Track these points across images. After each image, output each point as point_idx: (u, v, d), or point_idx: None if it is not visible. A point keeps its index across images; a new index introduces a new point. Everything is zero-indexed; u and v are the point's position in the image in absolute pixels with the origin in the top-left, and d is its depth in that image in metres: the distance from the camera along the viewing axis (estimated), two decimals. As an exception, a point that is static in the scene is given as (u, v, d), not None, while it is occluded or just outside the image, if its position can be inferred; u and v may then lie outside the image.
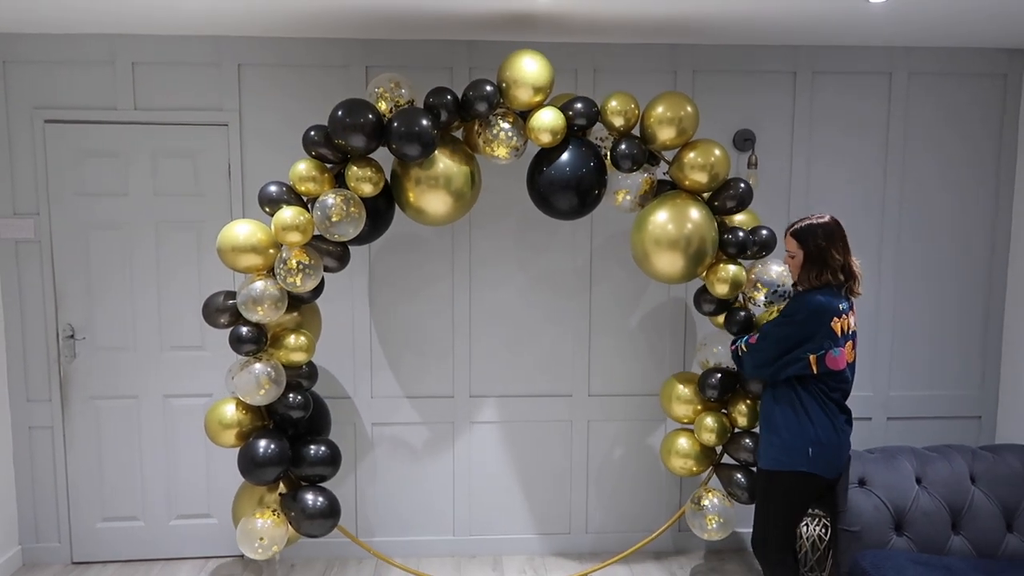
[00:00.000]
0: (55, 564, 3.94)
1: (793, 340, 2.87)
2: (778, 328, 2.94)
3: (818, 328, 2.83)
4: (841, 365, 2.88)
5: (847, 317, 2.89)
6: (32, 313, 3.82)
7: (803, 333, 2.85)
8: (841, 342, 2.86)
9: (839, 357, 2.86)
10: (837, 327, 2.84)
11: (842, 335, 2.86)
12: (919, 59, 3.93)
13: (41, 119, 3.72)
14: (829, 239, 2.90)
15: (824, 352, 2.84)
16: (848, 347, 2.90)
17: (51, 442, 3.89)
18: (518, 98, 3.16)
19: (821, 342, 2.84)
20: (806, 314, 2.85)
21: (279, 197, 3.15)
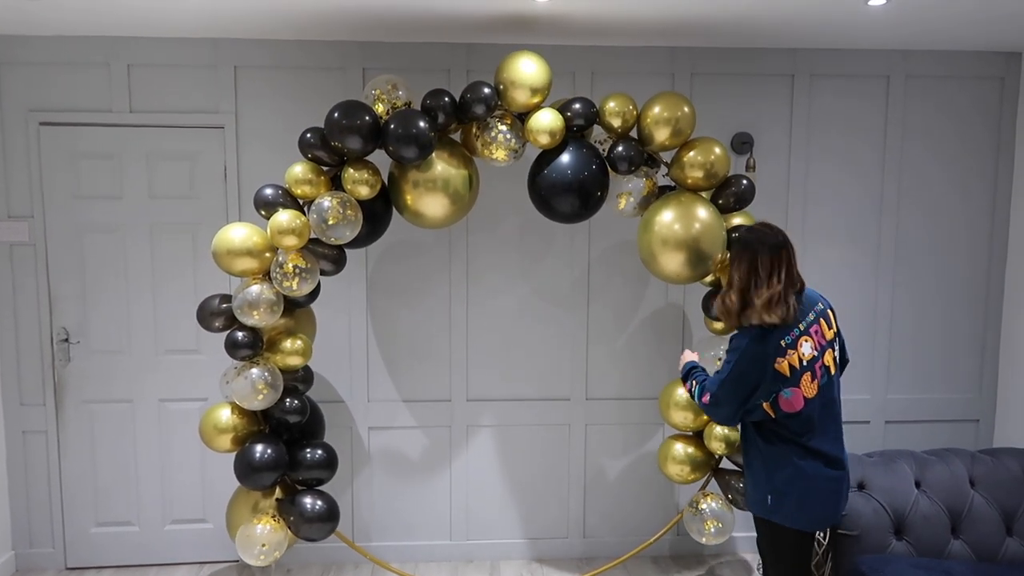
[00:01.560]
0: (49, 569, 3.91)
1: (740, 396, 2.55)
2: (721, 388, 2.58)
3: (760, 377, 2.50)
4: (798, 406, 2.51)
5: (797, 349, 2.50)
6: (26, 316, 3.79)
7: (745, 385, 2.52)
8: (793, 381, 2.50)
9: (792, 398, 2.50)
10: (784, 367, 2.49)
11: (792, 372, 2.50)
12: (917, 62, 3.93)
13: (36, 121, 3.70)
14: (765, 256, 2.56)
15: (775, 396, 2.52)
16: (806, 380, 2.51)
17: (45, 446, 3.86)
18: (516, 100, 3.15)
19: (769, 388, 2.51)
20: (742, 368, 2.51)
21: (275, 200, 3.13)
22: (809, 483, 2.55)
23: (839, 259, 4.02)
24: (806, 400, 2.51)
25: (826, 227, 4.00)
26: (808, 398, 2.51)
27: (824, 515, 2.63)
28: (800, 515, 2.59)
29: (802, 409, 2.51)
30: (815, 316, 2.58)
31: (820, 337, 2.57)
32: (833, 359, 2.63)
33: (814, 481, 2.55)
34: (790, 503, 2.57)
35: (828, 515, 2.64)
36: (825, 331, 2.60)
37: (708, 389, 2.64)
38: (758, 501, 2.68)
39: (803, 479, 2.54)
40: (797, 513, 2.59)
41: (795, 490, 2.56)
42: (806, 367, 2.50)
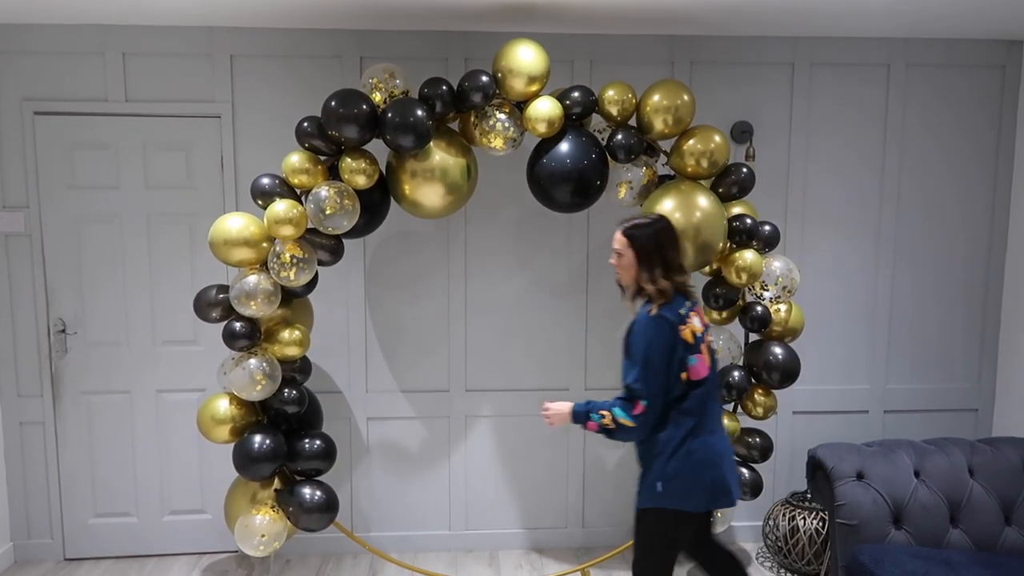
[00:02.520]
0: (47, 560, 3.91)
1: (663, 373, 2.51)
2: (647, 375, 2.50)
3: (673, 350, 2.51)
4: (703, 372, 2.55)
5: (692, 320, 2.57)
6: (22, 308, 3.78)
7: (665, 359, 2.50)
8: (695, 347, 2.55)
9: (699, 364, 2.54)
10: (687, 334, 2.53)
11: (695, 339, 2.56)
12: (917, 50, 3.90)
13: (31, 111, 3.68)
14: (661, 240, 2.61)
15: (686, 366, 2.53)
16: (704, 349, 2.59)
17: (43, 438, 3.85)
18: (514, 88, 3.13)
19: (682, 359, 2.52)
20: (656, 342, 2.50)
21: (272, 190, 3.11)
22: (703, 464, 2.56)
23: (839, 248, 4.01)
24: (709, 368, 2.60)
25: (826, 216, 3.99)
26: (709, 366, 2.61)
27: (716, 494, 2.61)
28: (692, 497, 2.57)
29: (706, 377, 2.58)
30: (692, 306, 2.66)
31: (701, 317, 2.66)
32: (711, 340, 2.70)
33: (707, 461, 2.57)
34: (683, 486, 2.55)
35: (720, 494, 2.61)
36: (702, 314, 2.69)
37: (634, 397, 2.51)
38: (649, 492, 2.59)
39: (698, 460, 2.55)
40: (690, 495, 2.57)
41: (689, 472, 2.55)
42: (700, 339, 2.59)
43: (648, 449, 2.61)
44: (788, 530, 3.75)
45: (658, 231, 2.64)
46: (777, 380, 3.35)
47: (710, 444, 2.58)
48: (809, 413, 4.08)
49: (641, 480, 2.66)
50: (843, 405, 4.10)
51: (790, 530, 3.74)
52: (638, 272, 2.64)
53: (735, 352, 3.46)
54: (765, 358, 3.35)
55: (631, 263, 2.65)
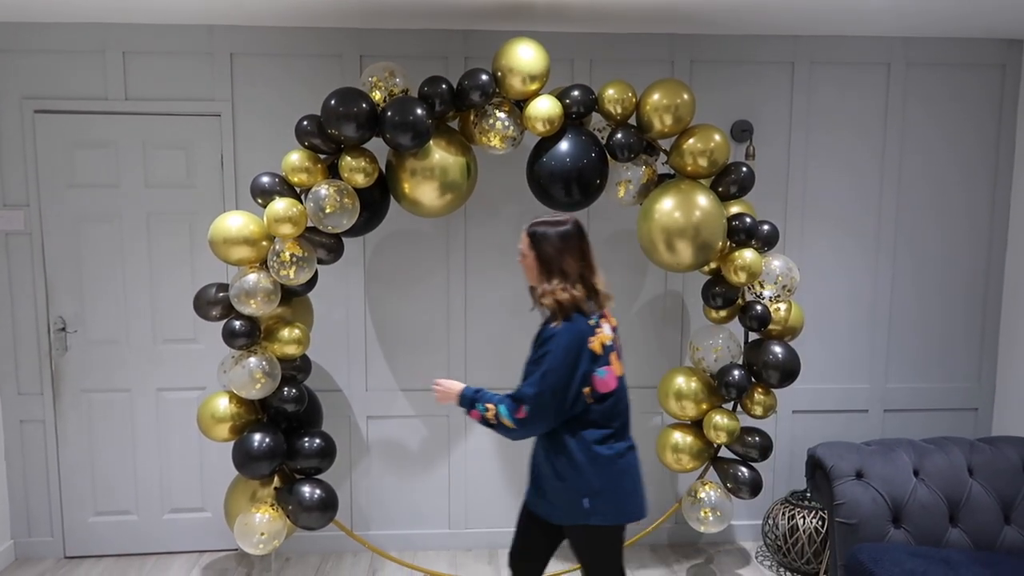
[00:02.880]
0: (48, 558, 3.91)
1: (563, 387, 2.38)
2: (547, 385, 2.37)
3: (578, 361, 2.39)
4: (612, 385, 2.45)
5: (601, 329, 2.46)
6: (23, 306, 3.78)
7: (569, 375, 2.38)
8: (604, 359, 2.45)
9: (607, 377, 2.44)
10: (596, 345, 2.42)
11: (604, 349, 2.45)
12: (917, 49, 3.90)
13: (31, 109, 3.68)
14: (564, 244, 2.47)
15: (591, 378, 2.42)
16: (613, 359, 2.48)
17: (43, 436, 3.86)
18: (514, 87, 3.13)
19: (588, 372, 2.41)
20: (562, 357, 2.37)
21: (272, 188, 3.11)
22: (622, 471, 2.49)
23: (839, 247, 4.01)
24: (617, 379, 2.49)
25: (825, 214, 3.99)
26: (619, 376, 2.50)
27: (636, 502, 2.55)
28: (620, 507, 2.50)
29: (615, 389, 2.47)
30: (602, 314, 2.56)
31: (610, 321, 2.56)
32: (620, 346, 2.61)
33: (624, 468, 2.50)
34: (609, 498, 2.46)
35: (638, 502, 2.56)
36: (611, 318, 2.59)
37: (522, 401, 2.40)
38: (573, 509, 2.48)
39: (616, 468, 2.47)
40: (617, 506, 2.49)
41: (613, 484, 2.46)
42: (611, 347, 2.49)
43: (565, 463, 2.46)
44: (787, 529, 3.75)
45: (561, 234, 2.47)
46: (777, 379, 3.36)
47: (628, 455, 2.51)
48: (809, 412, 4.08)
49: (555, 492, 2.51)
50: (843, 404, 4.10)
51: (789, 529, 3.75)
52: (538, 276, 2.49)
53: (735, 351, 3.46)
54: (765, 357, 3.36)
55: (532, 265, 2.51)
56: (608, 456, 2.46)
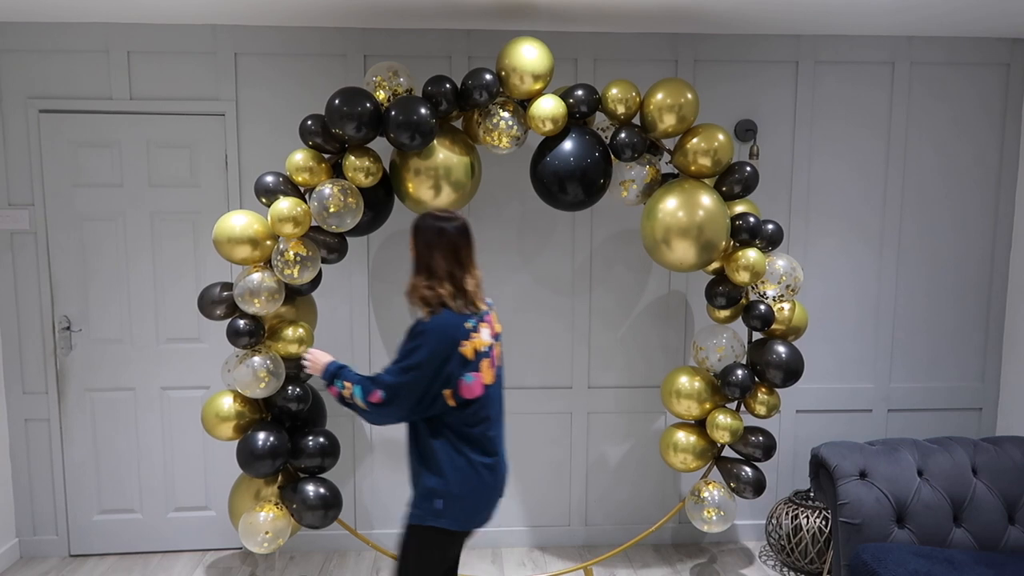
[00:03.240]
0: (53, 556, 3.92)
1: (422, 385, 2.33)
2: (403, 378, 2.34)
3: (443, 363, 2.33)
4: (477, 391, 2.39)
5: (478, 334, 2.40)
6: (27, 305, 3.79)
7: (428, 375, 2.32)
8: (475, 365, 2.38)
9: (473, 383, 2.38)
10: (468, 350, 2.36)
11: (477, 355, 2.39)
12: (921, 49, 3.90)
13: (36, 109, 3.69)
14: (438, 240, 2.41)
15: (456, 381, 2.36)
16: (485, 365, 2.41)
17: (48, 434, 3.87)
18: (518, 87, 3.13)
19: (452, 373, 2.35)
20: (425, 354, 2.32)
21: (276, 188, 3.11)
22: (481, 479, 2.42)
23: (842, 246, 4.01)
24: (486, 387, 2.42)
25: (829, 214, 3.98)
26: (487, 384, 2.43)
27: (488, 512, 2.49)
28: (470, 515, 2.44)
29: (481, 396, 2.40)
30: (488, 307, 2.53)
31: (492, 327, 2.50)
32: (500, 355, 2.55)
33: (484, 476, 2.42)
34: (462, 504, 2.40)
35: (490, 512, 2.49)
36: (495, 323, 2.54)
37: (380, 385, 2.37)
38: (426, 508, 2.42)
39: (476, 476, 2.40)
40: (467, 513, 2.43)
41: (468, 489, 2.40)
42: (485, 353, 2.43)
43: (425, 462, 2.43)
44: (791, 529, 3.75)
45: (437, 230, 2.41)
46: (780, 379, 3.35)
47: (493, 464, 2.45)
48: (813, 412, 4.08)
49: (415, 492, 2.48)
50: (847, 404, 4.10)
51: (793, 529, 3.74)
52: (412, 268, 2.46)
53: (738, 351, 3.46)
54: (768, 357, 3.35)
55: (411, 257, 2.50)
56: (462, 462, 2.40)
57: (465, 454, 2.40)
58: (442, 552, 2.50)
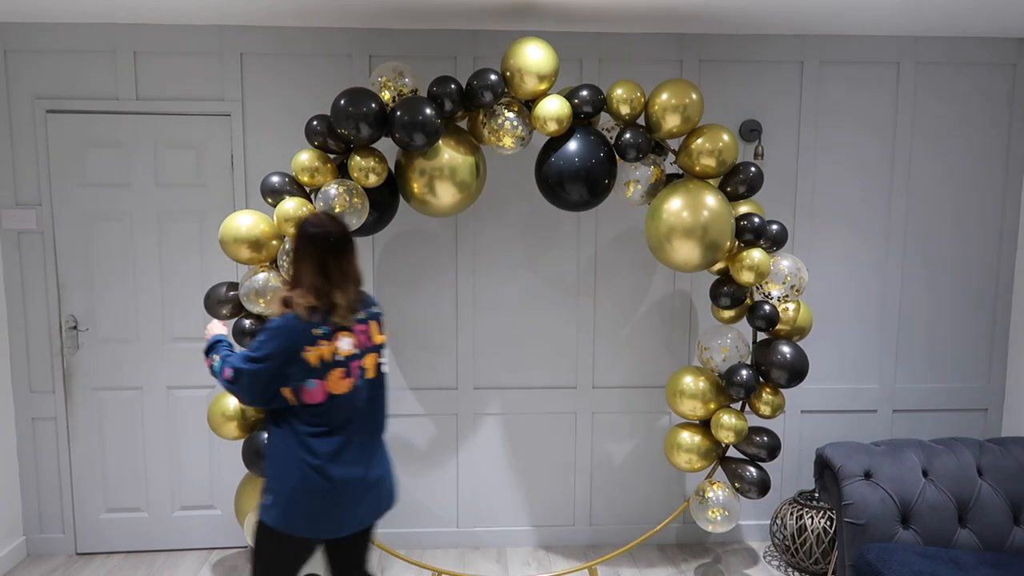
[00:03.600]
0: (59, 555, 3.94)
1: (264, 378, 2.34)
2: (248, 366, 2.36)
3: (285, 363, 2.33)
4: (318, 398, 2.36)
5: (333, 343, 2.37)
6: (35, 304, 3.81)
7: (270, 369, 2.33)
8: (319, 373, 2.35)
9: (314, 390, 2.35)
10: (312, 357, 2.33)
11: (322, 364, 2.35)
12: (927, 49, 3.89)
13: (43, 109, 3.71)
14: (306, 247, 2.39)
15: (299, 385, 2.36)
16: (336, 375, 2.37)
17: (55, 433, 3.89)
18: (523, 87, 3.13)
19: (294, 375, 2.35)
20: (268, 350, 2.34)
21: (282, 188, 3.12)
22: (311, 484, 2.37)
23: (848, 247, 4.01)
24: (330, 395, 2.37)
25: (834, 214, 3.98)
26: (333, 393, 2.38)
27: (328, 522, 2.43)
28: (302, 520, 2.40)
29: (323, 403, 2.37)
30: (367, 316, 2.50)
31: (366, 338, 2.47)
32: (377, 365, 2.51)
33: (315, 482, 2.37)
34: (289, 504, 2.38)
35: (332, 522, 2.43)
36: (374, 334, 2.51)
37: (231, 364, 2.40)
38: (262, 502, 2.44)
39: (305, 479, 2.36)
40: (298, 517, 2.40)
41: (297, 491, 2.37)
42: (340, 362, 2.38)
43: (267, 454, 2.46)
44: (795, 529, 3.75)
45: (308, 236, 2.39)
46: (785, 379, 3.35)
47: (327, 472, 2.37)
48: (817, 412, 4.08)
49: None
50: (852, 404, 4.10)
51: (797, 529, 3.74)
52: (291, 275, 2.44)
53: (743, 351, 3.46)
54: (773, 357, 3.35)
55: None
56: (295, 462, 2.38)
57: (300, 455, 2.37)
58: (282, 553, 2.46)
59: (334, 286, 2.38)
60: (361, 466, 2.45)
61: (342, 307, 2.38)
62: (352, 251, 2.45)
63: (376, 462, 2.52)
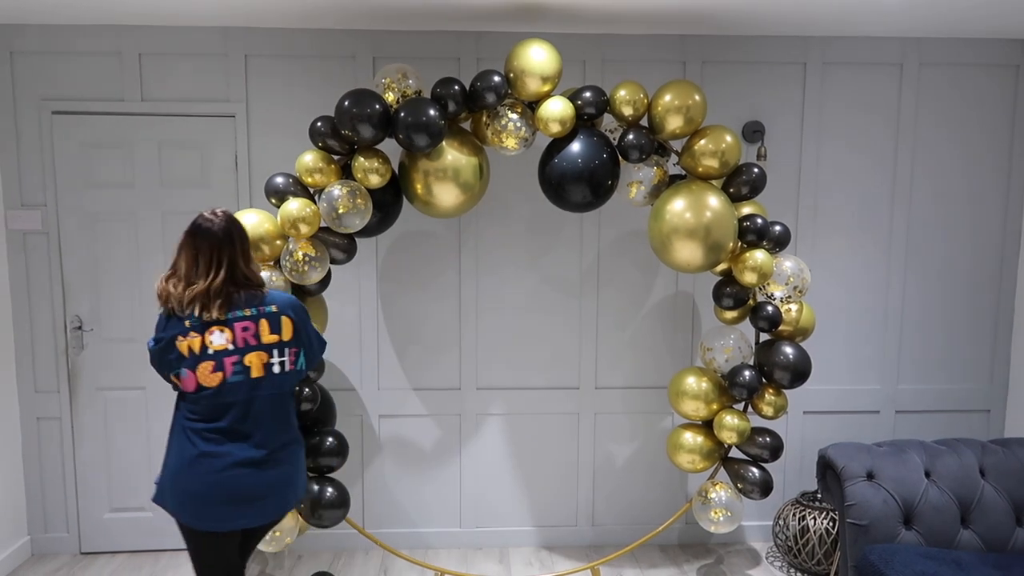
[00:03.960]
0: (63, 554, 3.96)
1: (156, 360, 2.47)
2: (150, 344, 2.49)
3: (166, 348, 2.43)
4: (190, 387, 2.42)
5: (203, 336, 2.41)
6: (40, 304, 3.83)
7: (158, 352, 2.45)
8: (190, 363, 2.41)
9: (186, 379, 2.42)
10: (183, 347, 2.40)
11: (191, 354, 2.41)
12: (931, 50, 3.89)
13: (48, 110, 3.72)
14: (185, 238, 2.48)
15: (177, 372, 2.44)
16: (205, 368, 2.41)
17: (59, 433, 3.90)
18: (526, 88, 3.14)
19: (171, 363, 2.44)
20: (157, 333, 2.46)
21: (286, 189, 3.14)
22: (191, 472, 2.41)
23: (850, 248, 4.01)
24: (200, 386, 2.41)
25: (838, 216, 3.99)
26: (204, 385, 2.41)
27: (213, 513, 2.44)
28: (187, 508, 2.45)
29: (194, 392, 2.42)
30: (254, 315, 2.48)
31: (249, 336, 2.46)
32: (265, 364, 2.48)
33: (195, 469, 2.41)
34: (173, 489, 2.45)
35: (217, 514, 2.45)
36: (263, 333, 2.49)
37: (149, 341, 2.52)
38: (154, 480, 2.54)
39: (186, 466, 2.41)
40: (183, 504, 2.45)
41: (178, 477, 2.43)
42: (210, 356, 2.41)
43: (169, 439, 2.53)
44: (798, 530, 3.75)
45: (190, 230, 2.47)
46: (788, 380, 3.35)
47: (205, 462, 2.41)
48: (820, 413, 4.08)
49: None
50: (854, 405, 4.10)
51: (800, 530, 3.75)
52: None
53: (746, 352, 3.46)
54: (776, 358, 3.35)
55: None
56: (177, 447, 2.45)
57: (181, 440, 2.45)
58: (187, 539, 2.54)
59: (203, 280, 2.43)
60: (239, 466, 2.43)
61: (208, 302, 2.42)
62: (234, 248, 2.48)
63: (264, 464, 2.48)
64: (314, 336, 2.67)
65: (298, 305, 2.62)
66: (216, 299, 2.43)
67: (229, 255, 2.47)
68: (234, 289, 2.47)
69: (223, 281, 2.45)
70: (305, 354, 2.61)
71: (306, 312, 2.66)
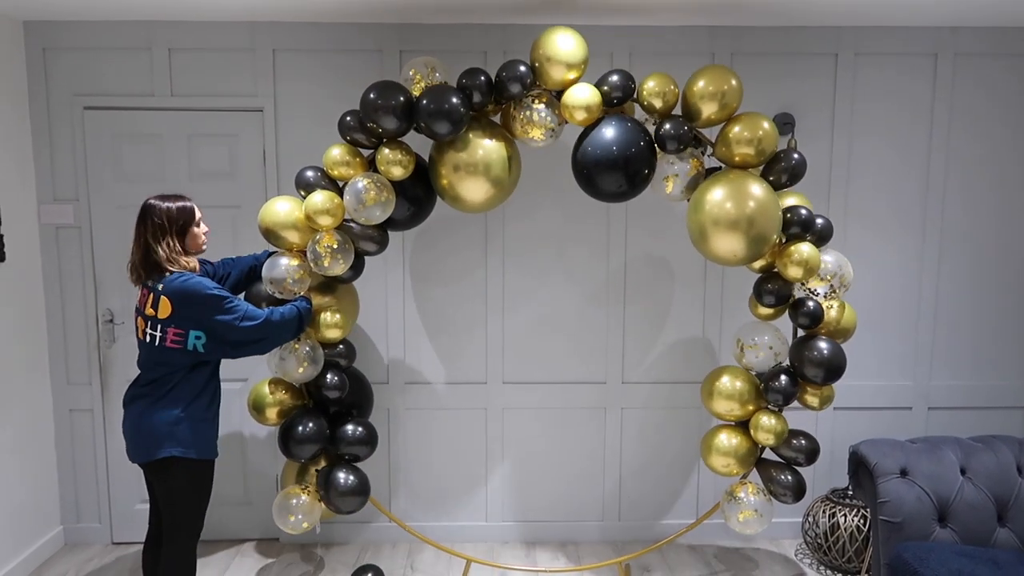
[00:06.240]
0: (96, 544, 4.01)
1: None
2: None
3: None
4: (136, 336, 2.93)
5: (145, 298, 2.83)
6: (72, 298, 3.88)
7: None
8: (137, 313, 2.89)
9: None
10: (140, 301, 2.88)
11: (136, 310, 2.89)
12: (965, 40, 3.81)
13: (80, 106, 3.77)
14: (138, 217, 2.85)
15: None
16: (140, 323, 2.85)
17: (91, 424, 3.95)
18: (552, 77, 3.09)
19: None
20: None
21: (316, 182, 3.15)
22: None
23: (882, 242, 3.94)
24: (137, 337, 2.87)
25: (869, 209, 3.92)
26: (139, 338, 2.86)
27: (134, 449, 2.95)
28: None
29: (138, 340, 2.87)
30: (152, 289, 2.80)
31: (142, 303, 2.84)
32: (143, 330, 2.82)
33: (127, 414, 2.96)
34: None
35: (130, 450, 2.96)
36: (147, 304, 2.81)
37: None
38: None
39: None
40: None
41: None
42: (139, 312, 2.85)
43: None
44: (828, 527, 3.70)
45: (141, 208, 2.85)
46: (821, 377, 3.16)
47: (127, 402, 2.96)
48: (851, 409, 4.02)
49: None
50: (886, 401, 4.04)
51: (830, 527, 3.70)
52: None
53: (780, 348, 3.28)
54: (809, 353, 3.16)
55: None
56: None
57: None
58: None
59: (139, 249, 2.82)
60: (131, 406, 2.93)
61: (144, 271, 2.82)
62: (143, 226, 2.81)
63: (136, 411, 2.90)
64: (228, 329, 2.84)
65: (190, 293, 2.78)
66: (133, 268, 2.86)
67: (140, 231, 2.83)
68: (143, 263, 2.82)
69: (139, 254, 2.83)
70: (204, 343, 2.83)
71: (205, 303, 2.80)
